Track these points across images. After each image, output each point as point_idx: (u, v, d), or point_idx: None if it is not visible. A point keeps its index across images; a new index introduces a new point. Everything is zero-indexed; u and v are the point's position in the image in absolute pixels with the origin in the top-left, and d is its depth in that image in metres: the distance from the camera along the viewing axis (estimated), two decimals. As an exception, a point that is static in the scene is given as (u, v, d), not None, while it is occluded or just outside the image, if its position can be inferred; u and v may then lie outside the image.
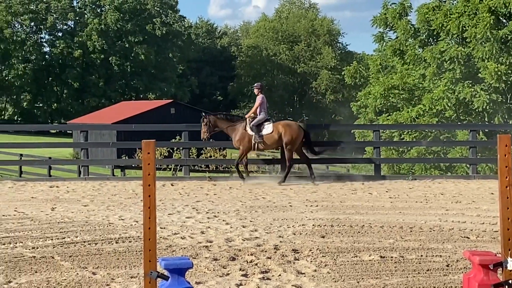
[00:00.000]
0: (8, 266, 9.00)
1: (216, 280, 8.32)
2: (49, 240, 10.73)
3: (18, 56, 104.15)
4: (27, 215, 13.35)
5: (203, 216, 13.28)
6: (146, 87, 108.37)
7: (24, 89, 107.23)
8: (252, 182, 19.83)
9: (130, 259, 9.47)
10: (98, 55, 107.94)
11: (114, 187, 18.71)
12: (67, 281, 8.31)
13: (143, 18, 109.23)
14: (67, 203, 15.20)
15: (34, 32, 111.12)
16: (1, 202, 15.35)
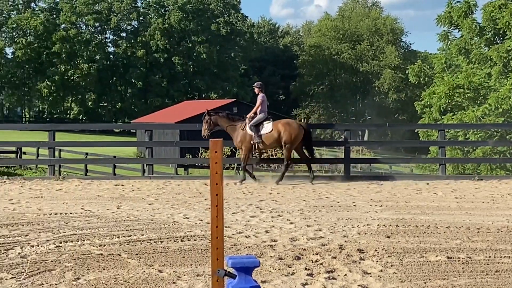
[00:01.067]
0: (76, 263, 9.12)
1: (281, 279, 8.30)
2: (115, 238, 10.84)
3: (83, 56, 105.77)
4: (93, 213, 13.52)
5: (267, 215, 13.28)
6: (208, 87, 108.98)
7: (89, 88, 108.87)
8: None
9: (196, 257, 9.50)
10: (161, 54, 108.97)
11: (178, 186, 18.84)
12: (134, 278, 8.38)
13: (206, 18, 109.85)
14: (132, 202, 15.35)
15: (98, 32, 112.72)
16: (68, 200, 15.57)
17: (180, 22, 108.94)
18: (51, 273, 8.61)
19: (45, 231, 11.43)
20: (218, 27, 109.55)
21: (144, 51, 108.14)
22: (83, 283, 8.15)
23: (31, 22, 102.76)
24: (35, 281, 8.21)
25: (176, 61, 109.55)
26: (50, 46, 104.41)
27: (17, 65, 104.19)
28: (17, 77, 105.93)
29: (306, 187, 18.68)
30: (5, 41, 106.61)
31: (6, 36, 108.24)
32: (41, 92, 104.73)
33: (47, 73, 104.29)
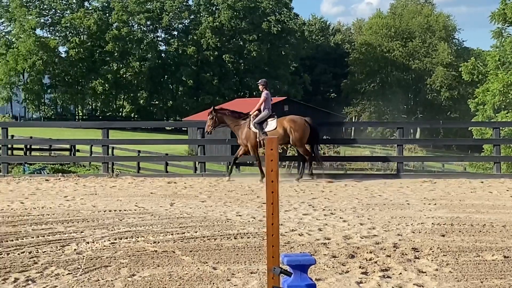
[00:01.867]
0: (131, 259, 9.19)
1: (336, 278, 8.27)
2: (169, 235, 10.91)
3: (135, 54, 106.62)
4: (147, 210, 13.61)
5: (320, 213, 13.24)
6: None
7: (140, 87, 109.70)
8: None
9: (249, 254, 9.51)
10: (212, 52, 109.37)
11: (230, 184, 18.89)
12: (188, 275, 8.42)
13: (257, 16, 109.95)
14: (185, 199, 15.42)
15: (150, 31, 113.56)
16: (122, 197, 15.71)
17: (231, 20, 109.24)
18: (106, 269, 8.70)
19: (100, 227, 11.55)
20: (269, 25, 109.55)
21: (195, 49, 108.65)
22: (138, 280, 8.21)
23: (84, 21, 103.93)
24: (91, 277, 8.30)
25: (227, 59, 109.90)
26: (103, 45, 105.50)
27: (71, 63, 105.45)
28: (71, 76, 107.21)
29: (358, 185, 18.58)
30: (58, 40, 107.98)
31: (60, 35, 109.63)
32: (94, 90, 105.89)
33: (99, 71, 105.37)
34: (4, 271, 8.58)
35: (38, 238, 10.64)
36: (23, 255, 9.45)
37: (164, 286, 7.98)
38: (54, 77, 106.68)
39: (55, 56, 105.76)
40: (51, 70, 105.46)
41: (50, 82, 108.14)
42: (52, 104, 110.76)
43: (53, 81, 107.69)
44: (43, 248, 9.91)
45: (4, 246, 10.01)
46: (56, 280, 8.18)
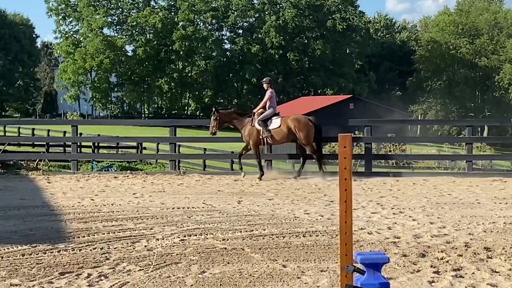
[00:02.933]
0: (201, 256, 9.24)
1: (407, 277, 8.18)
2: (238, 233, 10.94)
3: (201, 53, 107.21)
4: (215, 207, 13.68)
5: (388, 211, 13.13)
6: (323, 83, 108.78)
7: (205, 85, 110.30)
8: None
9: (319, 253, 9.48)
10: (276, 51, 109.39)
11: (296, 182, 18.86)
12: (258, 272, 8.43)
13: (322, 14, 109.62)
14: (252, 197, 15.46)
15: (215, 29, 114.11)
16: (189, 194, 15.82)
17: (295, 19, 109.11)
18: (177, 266, 8.76)
19: (169, 224, 11.64)
20: (334, 23, 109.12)
21: (260, 48, 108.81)
22: (209, 277, 8.25)
23: (150, 20, 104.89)
24: (162, 274, 8.37)
25: (291, 57, 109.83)
26: (169, 44, 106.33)
27: (137, 62, 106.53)
28: (137, 74, 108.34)
29: (427, 184, 18.37)
30: (125, 39, 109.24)
31: (126, 34, 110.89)
32: (160, 88, 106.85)
33: (165, 70, 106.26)
34: (77, 266, 8.71)
35: (109, 234, 10.78)
36: (95, 251, 9.59)
37: (235, 283, 8.00)
38: (121, 75, 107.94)
39: (122, 55, 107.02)
40: (118, 68, 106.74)
41: (117, 81, 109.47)
42: (119, 102, 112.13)
43: (120, 80, 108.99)
44: (114, 244, 10.03)
45: (76, 242, 10.17)
46: (128, 276, 8.27)
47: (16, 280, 8.10)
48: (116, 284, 7.93)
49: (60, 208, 13.58)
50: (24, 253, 9.44)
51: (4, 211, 13.19)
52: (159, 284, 7.95)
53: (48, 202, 14.50)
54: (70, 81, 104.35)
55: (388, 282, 5.53)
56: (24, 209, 13.47)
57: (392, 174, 20.70)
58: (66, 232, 11.02)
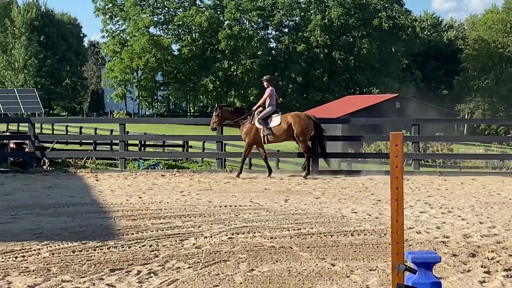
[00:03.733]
0: (249, 255, 9.26)
1: (457, 276, 8.11)
2: (285, 231, 10.95)
3: (246, 52, 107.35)
4: (262, 206, 13.70)
5: (437, 211, 13.03)
6: (369, 81, 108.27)
7: (251, 84, 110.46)
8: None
9: (367, 251, 9.44)
10: (321, 50, 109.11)
11: (343, 181, 18.80)
12: (307, 271, 8.42)
13: (368, 12, 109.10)
14: (299, 195, 15.45)
15: (261, 28, 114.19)
16: (236, 192, 15.86)
17: (340, 17, 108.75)
18: (226, 263, 8.79)
19: (217, 222, 11.69)
20: (380, 22, 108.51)
21: (305, 46, 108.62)
22: (258, 275, 8.26)
23: (196, 19, 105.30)
24: (211, 271, 8.40)
25: (337, 56, 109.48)
26: (214, 43, 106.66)
27: (183, 61, 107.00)
28: (183, 73, 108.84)
29: (475, 183, 18.19)
30: (171, 38, 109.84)
31: (173, 33, 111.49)
32: (205, 87, 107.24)
33: (211, 69, 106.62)
34: (127, 263, 8.78)
35: (157, 232, 10.85)
36: (144, 248, 9.66)
37: (284, 281, 8.00)
38: (166, 74, 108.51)
39: (168, 54, 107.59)
40: (163, 67, 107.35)
41: (162, 80, 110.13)
42: (165, 101, 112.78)
43: (165, 79, 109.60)
44: (163, 241, 10.09)
45: (126, 239, 10.25)
46: (178, 273, 8.32)
47: (67, 276, 8.20)
48: (166, 281, 7.98)
49: (108, 205, 13.71)
50: (74, 249, 9.55)
51: (54, 208, 13.34)
52: (208, 281, 7.98)
53: (97, 200, 14.65)
54: (116, 80, 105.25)
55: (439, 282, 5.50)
56: (73, 206, 13.62)
57: (439, 173, 20.51)
58: (115, 229, 11.13)
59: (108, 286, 7.81)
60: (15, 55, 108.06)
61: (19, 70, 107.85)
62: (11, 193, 15.80)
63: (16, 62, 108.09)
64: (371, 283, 7.89)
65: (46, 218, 12.18)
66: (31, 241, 10.06)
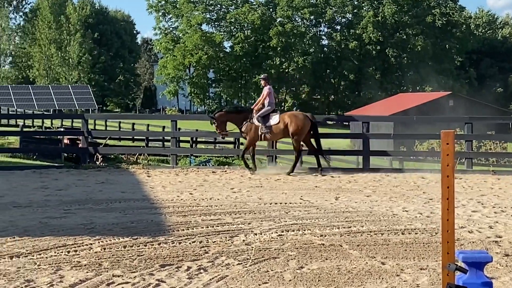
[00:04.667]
0: (299, 252, 9.26)
1: (509, 276, 8.01)
2: (335, 229, 10.92)
3: (298, 49, 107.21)
4: (312, 203, 13.69)
5: (490, 210, 12.87)
6: (422, 79, 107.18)
7: (303, 81, 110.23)
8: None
9: (418, 250, 9.38)
10: (374, 47, 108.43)
11: (394, 179, 18.64)
12: (357, 269, 8.39)
13: (422, 9, 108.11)
14: (349, 193, 15.38)
15: (313, 25, 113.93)
16: (286, 190, 15.86)
17: (394, 15, 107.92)
18: (275, 261, 8.80)
19: (267, 219, 11.70)
20: (434, 19, 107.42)
21: (357, 44, 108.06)
22: (307, 272, 8.26)
23: (248, 16, 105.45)
24: (260, 268, 8.41)
25: (390, 53, 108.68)
26: (266, 40, 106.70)
27: (235, 58, 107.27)
28: (235, 70, 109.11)
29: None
30: (223, 35, 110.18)
31: (225, 30, 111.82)
32: (257, 84, 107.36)
33: (263, 66, 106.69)
34: (177, 259, 8.85)
35: (207, 228, 10.91)
36: (194, 245, 9.72)
37: (333, 279, 7.98)
38: (218, 71, 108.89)
39: (220, 51, 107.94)
40: (215, 64, 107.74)
41: (214, 77, 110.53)
42: (217, 98, 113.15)
43: (217, 76, 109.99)
44: (213, 238, 10.15)
45: (176, 235, 10.32)
46: (227, 270, 8.35)
47: (118, 271, 8.29)
48: (215, 278, 8.02)
49: (159, 201, 13.81)
50: (125, 245, 9.65)
51: (106, 203, 13.49)
52: (257, 278, 8.00)
53: (148, 196, 14.78)
54: (169, 77, 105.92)
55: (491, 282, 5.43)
56: (125, 202, 13.76)
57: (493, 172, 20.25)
58: (166, 225, 11.21)
59: (158, 281, 7.88)
60: (70, 52, 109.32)
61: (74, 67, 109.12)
62: (64, 188, 16.01)
63: (70, 59, 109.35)
64: (421, 282, 7.83)
65: (98, 213, 12.33)
66: (83, 236, 10.20)
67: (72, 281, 7.83)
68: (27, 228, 10.83)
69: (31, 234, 10.30)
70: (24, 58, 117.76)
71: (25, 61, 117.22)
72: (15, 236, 10.18)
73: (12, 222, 11.34)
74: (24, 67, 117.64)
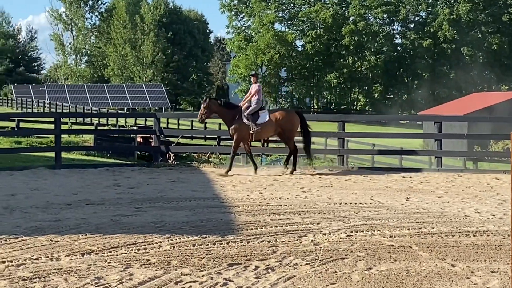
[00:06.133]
0: (367, 253, 9.20)
1: None
2: (405, 230, 10.81)
3: (371, 48, 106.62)
4: (382, 204, 13.58)
5: None
6: (498, 78, 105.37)
7: (375, 80, 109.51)
8: None
9: (489, 253, 9.23)
10: (448, 45, 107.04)
11: (467, 180, 18.35)
12: (426, 271, 8.29)
13: (498, 8, 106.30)
14: (421, 194, 15.20)
15: (386, 24, 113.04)
16: (357, 190, 15.76)
17: (469, 13, 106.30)
18: (343, 261, 8.76)
19: (336, 220, 11.66)
20: (510, 17, 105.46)
21: (431, 42, 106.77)
22: (375, 273, 8.19)
23: (320, 15, 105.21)
24: (328, 269, 8.39)
25: (465, 52, 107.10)
26: (339, 39, 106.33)
27: (307, 57, 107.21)
28: (307, 69, 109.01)
29: None
30: (296, 33, 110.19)
31: (297, 29, 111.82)
32: (329, 83, 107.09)
33: (335, 64, 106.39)
34: (245, 258, 8.88)
35: (276, 228, 10.92)
36: (263, 244, 9.74)
37: (402, 281, 7.91)
38: (290, 70, 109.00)
39: (292, 49, 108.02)
40: (287, 63, 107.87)
41: (287, 75, 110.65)
42: (289, 96, 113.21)
43: (289, 74, 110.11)
44: (281, 238, 10.15)
45: (245, 235, 10.36)
46: (295, 270, 8.35)
47: (186, 269, 8.36)
48: (283, 278, 8.02)
49: (229, 200, 13.89)
50: (194, 243, 9.72)
51: (177, 202, 13.62)
52: (325, 279, 7.97)
53: (218, 195, 14.86)
54: (241, 76, 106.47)
55: None
56: (195, 200, 13.87)
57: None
58: (235, 224, 11.26)
59: (225, 280, 7.92)
60: (144, 51, 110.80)
61: (147, 66, 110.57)
62: (136, 186, 16.22)
63: (144, 58, 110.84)
64: (491, 285, 7.71)
65: (169, 211, 12.45)
66: (153, 234, 10.32)
67: (141, 279, 7.92)
68: (99, 226, 11.01)
69: (103, 232, 10.47)
70: (99, 57, 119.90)
71: (100, 60, 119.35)
72: (87, 233, 10.36)
73: (84, 220, 11.54)
74: (99, 66, 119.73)
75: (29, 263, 8.63)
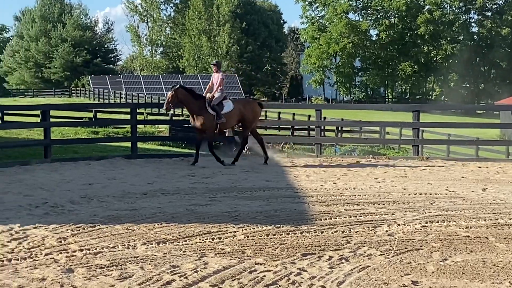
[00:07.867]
0: (443, 244, 9.11)
1: None
2: (482, 221, 10.68)
3: (446, 37, 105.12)
4: (458, 194, 13.42)
5: None
6: None
7: (451, 69, 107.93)
8: None
9: None
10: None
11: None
12: (503, 263, 8.18)
13: None
14: (498, 184, 14.98)
15: (462, 12, 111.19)
16: (432, 180, 15.59)
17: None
18: (418, 252, 8.70)
19: (411, 210, 11.58)
20: None
21: (510, 30, 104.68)
22: (451, 264, 8.12)
23: (394, 3, 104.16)
24: (403, 259, 8.34)
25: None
26: (414, 28, 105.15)
27: (381, 46, 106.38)
28: (381, 58, 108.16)
29: None
30: (369, 23, 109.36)
31: (371, 18, 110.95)
32: (404, 73, 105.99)
33: (409, 54, 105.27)
34: (318, 248, 8.89)
35: (350, 218, 10.90)
36: (336, 234, 9.73)
37: (478, 272, 7.82)
38: (365, 60, 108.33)
39: (366, 39, 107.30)
40: (361, 53, 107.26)
41: (361, 65, 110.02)
42: (363, 86, 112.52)
43: (363, 64, 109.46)
44: (355, 228, 10.13)
45: (318, 225, 10.37)
46: (369, 260, 8.32)
47: (260, 259, 8.40)
48: (357, 268, 8.00)
49: (303, 190, 13.89)
50: (268, 233, 9.77)
51: (250, 192, 13.69)
52: (399, 269, 7.93)
53: (292, 185, 14.88)
54: (315, 66, 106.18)
55: None
56: (269, 190, 13.92)
57: None
58: (309, 214, 11.27)
59: (299, 270, 7.94)
60: (219, 42, 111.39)
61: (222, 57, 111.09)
62: (210, 176, 16.36)
63: (219, 49, 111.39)
64: None
65: (243, 201, 12.52)
66: (227, 223, 10.40)
67: (216, 268, 7.99)
68: (174, 215, 11.15)
69: (178, 221, 10.59)
70: (174, 48, 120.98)
71: (175, 51, 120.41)
72: (163, 222, 10.49)
73: (160, 209, 11.69)
74: (175, 57, 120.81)
75: (106, 251, 8.80)
